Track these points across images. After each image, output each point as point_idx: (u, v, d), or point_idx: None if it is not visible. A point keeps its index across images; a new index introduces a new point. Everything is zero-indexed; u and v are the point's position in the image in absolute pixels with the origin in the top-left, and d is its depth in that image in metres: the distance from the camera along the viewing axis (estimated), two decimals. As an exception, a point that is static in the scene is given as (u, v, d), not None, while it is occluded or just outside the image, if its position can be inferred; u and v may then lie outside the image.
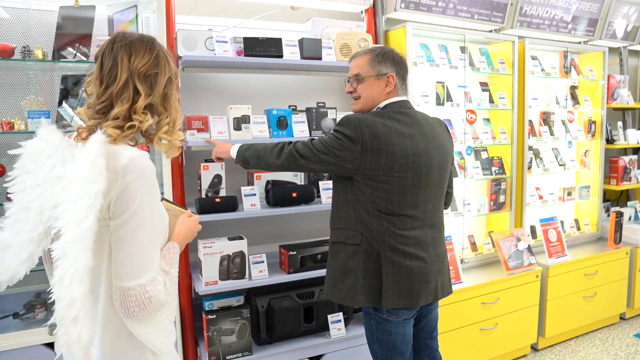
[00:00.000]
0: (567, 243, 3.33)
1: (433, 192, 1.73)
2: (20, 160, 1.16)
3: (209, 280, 2.18)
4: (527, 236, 3.14)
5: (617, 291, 3.51)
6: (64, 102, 2.15)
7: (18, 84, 2.18)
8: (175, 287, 1.20)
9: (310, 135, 2.45)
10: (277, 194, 2.32)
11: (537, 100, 3.44)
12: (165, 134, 1.22)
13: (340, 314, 2.46)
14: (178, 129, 1.27)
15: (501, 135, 3.24)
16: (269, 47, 2.32)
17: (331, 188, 2.10)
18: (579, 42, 3.74)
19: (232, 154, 1.90)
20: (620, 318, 3.68)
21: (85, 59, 2.12)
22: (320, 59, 2.45)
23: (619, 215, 3.56)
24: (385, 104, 1.73)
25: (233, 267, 2.21)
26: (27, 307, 2.14)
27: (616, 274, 3.48)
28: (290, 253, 2.36)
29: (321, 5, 2.73)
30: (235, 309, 2.25)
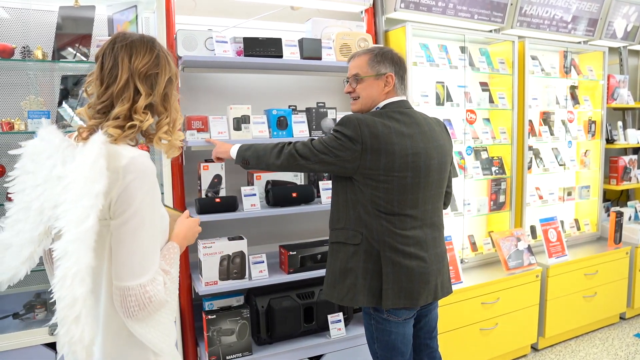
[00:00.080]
0: (567, 243, 3.33)
1: (432, 192, 1.73)
2: (20, 161, 1.16)
3: (209, 280, 2.18)
4: (527, 236, 3.14)
5: (617, 291, 3.51)
6: (63, 103, 2.15)
7: (18, 84, 2.19)
8: (175, 287, 1.20)
9: (310, 135, 2.45)
10: (277, 194, 2.32)
11: (537, 100, 3.44)
12: (165, 134, 1.22)
13: (340, 314, 2.46)
14: (178, 129, 1.27)
15: (501, 135, 3.24)
16: (268, 47, 2.33)
17: (331, 188, 2.10)
18: (579, 42, 3.74)
19: (232, 154, 1.91)
20: (620, 318, 3.68)
21: (85, 59, 2.12)
22: (320, 59, 2.45)
23: (619, 215, 3.56)
24: (384, 104, 1.73)
25: (233, 267, 2.21)
26: (27, 307, 2.14)
27: (616, 273, 3.48)
28: (290, 253, 2.36)
29: (321, 5, 2.73)
30: (235, 309, 2.25)
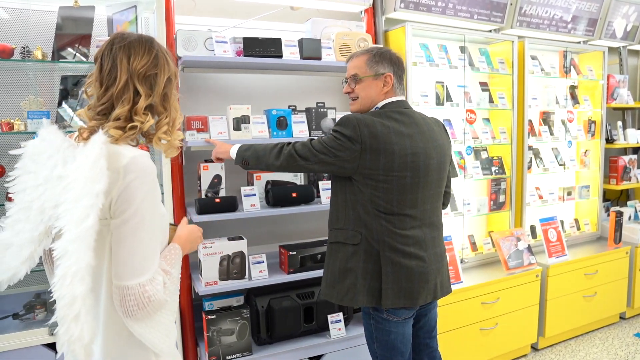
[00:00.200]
0: (567, 243, 3.32)
1: (432, 192, 1.73)
2: (21, 161, 1.16)
3: (208, 280, 2.18)
4: (527, 236, 3.14)
5: (617, 291, 3.51)
6: (63, 103, 2.15)
7: (17, 85, 2.19)
8: (176, 287, 1.19)
9: (310, 135, 2.45)
10: (276, 194, 2.32)
11: (537, 100, 3.44)
12: (164, 134, 1.22)
13: (340, 314, 2.46)
14: (177, 128, 1.27)
15: (501, 135, 3.24)
16: (268, 47, 2.33)
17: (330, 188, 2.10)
18: (579, 42, 3.74)
19: (231, 154, 1.90)
20: (620, 318, 3.68)
21: (84, 59, 2.12)
22: (319, 59, 2.45)
23: (619, 214, 3.56)
24: (383, 104, 1.73)
25: (233, 267, 2.21)
26: (27, 307, 2.14)
27: (616, 273, 3.48)
28: (290, 253, 2.36)
29: (321, 5, 2.73)
30: (235, 309, 2.25)
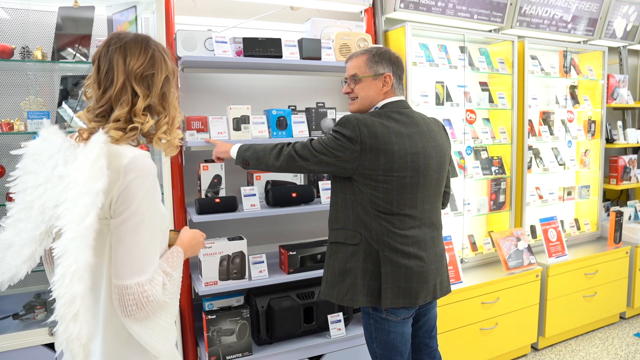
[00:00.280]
0: (567, 242, 3.33)
1: (431, 192, 1.73)
2: (22, 161, 1.16)
3: (208, 280, 2.18)
4: (527, 236, 3.14)
5: (617, 290, 3.51)
6: (63, 103, 2.15)
7: (17, 85, 2.19)
8: (177, 290, 1.19)
9: (310, 135, 2.45)
10: (276, 194, 2.32)
11: (537, 99, 3.44)
12: (164, 134, 1.21)
13: (340, 314, 2.46)
14: (177, 127, 1.26)
15: (501, 135, 3.24)
16: (268, 48, 2.32)
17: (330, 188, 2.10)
18: (579, 42, 3.74)
19: (232, 154, 1.90)
20: (620, 317, 3.68)
21: (84, 59, 2.12)
22: (319, 59, 2.45)
23: (619, 214, 3.56)
24: (382, 104, 1.73)
25: (233, 267, 2.21)
26: (27, 307, 2.14)
27: (616, 273, 3.48)
28: (290, 253, 2.36)
29: (321, 5, 2.73)
30: (235, 309, 2.25)
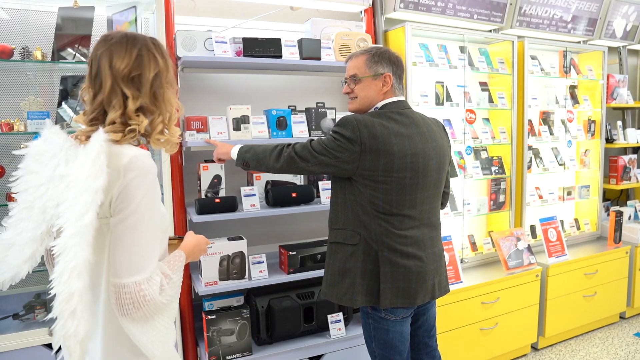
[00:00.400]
0: (567, 242, 3.33)
1: (430, 192, 1.73)
2: (24, 161, 1.17)
3: (208, 280, 2.18)
4: (527, 236, 3.14)
5: (617, 290, 3.51)
6: (63, 103, 2.15)
7: (17, 85, 2.19)
8: (176, 293, 1.18)
9: (310, 136, 2.45)
10: (276, 194, 2.32)
11: (537, 99, 3.44)
12: (160, 134, 1.19)
13: (340, 314, 2.46)
14: (174, 123, 1.24)
15: (501, 135, 3.24)
16: (268, 48, 2.33)
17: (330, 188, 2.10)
18: (579, 42, 3.74)
19: (232, 155, 1.90)
20: (620, 317, 3.68)
21: (84, 59, 2.12)
22: (319, 59, 2.45)
23: (619, 214, 3.56)
24: (382, 104, 1.73)
25: (233, 267, 2.22)
26: (27, 308, 2.14)
27: (616, 273, 3.48)
28: (290, 253, 2.36)
29: (320, 5, 2.73)
30: (235, 309, 2.25)
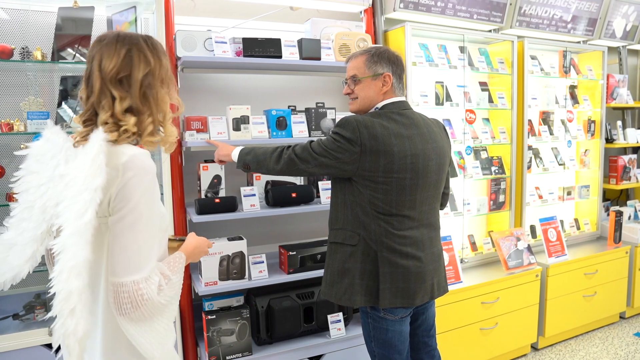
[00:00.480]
0: (566, 242, 3.33)
1: (430, 193, 1.73)
2: (25, 161, 1.17)
3: (208, 280, 2.18)
4: (526, 236, 3.14)
5: (616, 290, 3.51)
6: (63, 103, 2.15)
7: (17, 85, 2.19)
8: (176, 294, 1.18)
9: (310, 136, 2.45)
10: (276, 194, 2.32)
11: (537, 99, 3.44)
12: (150, 135, 1.16)
13: (340, 314, 2.46)
14: (171, 122, 1.22)
15: (501, 135, 3.24)
16: (268, 48, 2.33)
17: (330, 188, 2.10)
18: (578, 42, 3.74)
19: (233, 157, 1.90)
20: (620, 317, 3.68)
21: (84, 60, 2.12)
22: (319, 59, 2.45)
23: (619, 214, 3.56)
24: (383, 105, 1.73)
25: (233, 267, 2.22)
26: (27, 308, 2.14)
27: (616, 273, 3.48)
28: (290, 253, 2.36)
29: (320, 5, 2.73)
30: (235, 309, 2.26)
